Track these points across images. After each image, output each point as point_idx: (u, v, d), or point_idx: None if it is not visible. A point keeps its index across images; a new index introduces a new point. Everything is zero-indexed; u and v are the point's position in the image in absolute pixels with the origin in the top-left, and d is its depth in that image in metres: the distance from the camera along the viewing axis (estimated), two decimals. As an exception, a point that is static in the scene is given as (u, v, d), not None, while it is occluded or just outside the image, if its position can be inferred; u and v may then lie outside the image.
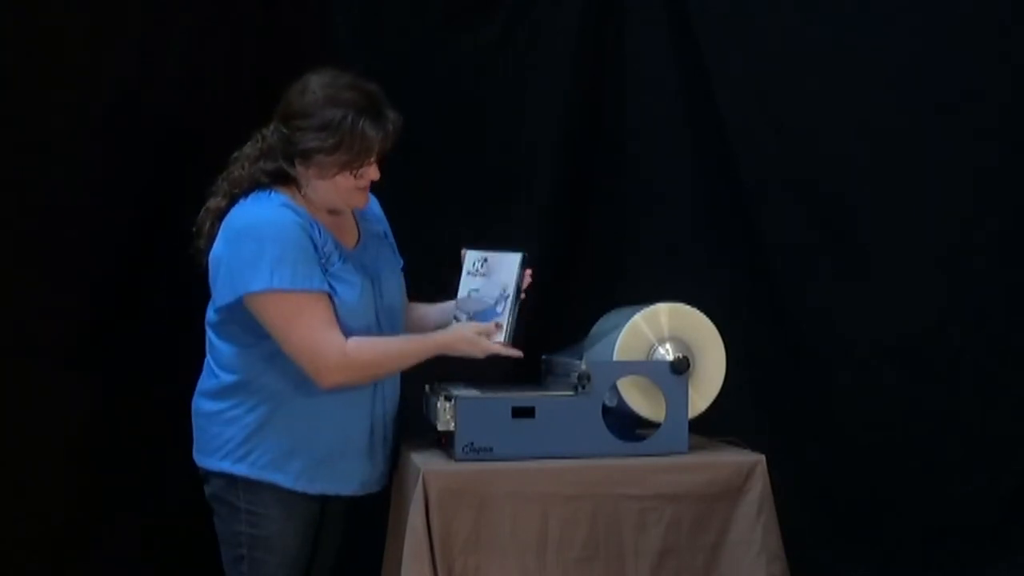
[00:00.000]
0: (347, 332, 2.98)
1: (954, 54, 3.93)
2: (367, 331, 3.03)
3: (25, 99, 3.59)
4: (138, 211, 3.70)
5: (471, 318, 3.10)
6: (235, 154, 3.08)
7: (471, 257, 3.15)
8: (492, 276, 3.11)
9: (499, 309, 3.09)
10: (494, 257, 3.13)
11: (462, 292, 3.14)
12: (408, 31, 3.96)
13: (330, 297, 2.98)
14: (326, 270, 2.99)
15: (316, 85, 2.98)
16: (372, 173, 3.03)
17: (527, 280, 3.12)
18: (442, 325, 3.16)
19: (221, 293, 3.00)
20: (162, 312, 3.63)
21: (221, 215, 3.02)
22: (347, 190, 3.02)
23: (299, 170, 3.01)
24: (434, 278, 3.36)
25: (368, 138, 2.96)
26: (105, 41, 3.67)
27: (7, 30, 3.57)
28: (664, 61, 4.04)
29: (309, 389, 2.99)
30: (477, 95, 4.00)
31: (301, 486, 3.03)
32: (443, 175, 3.99)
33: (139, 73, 3.72)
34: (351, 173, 2.99)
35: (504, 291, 3.09)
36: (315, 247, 2.98)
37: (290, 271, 2.92)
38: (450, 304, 3.19)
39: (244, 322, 3.00)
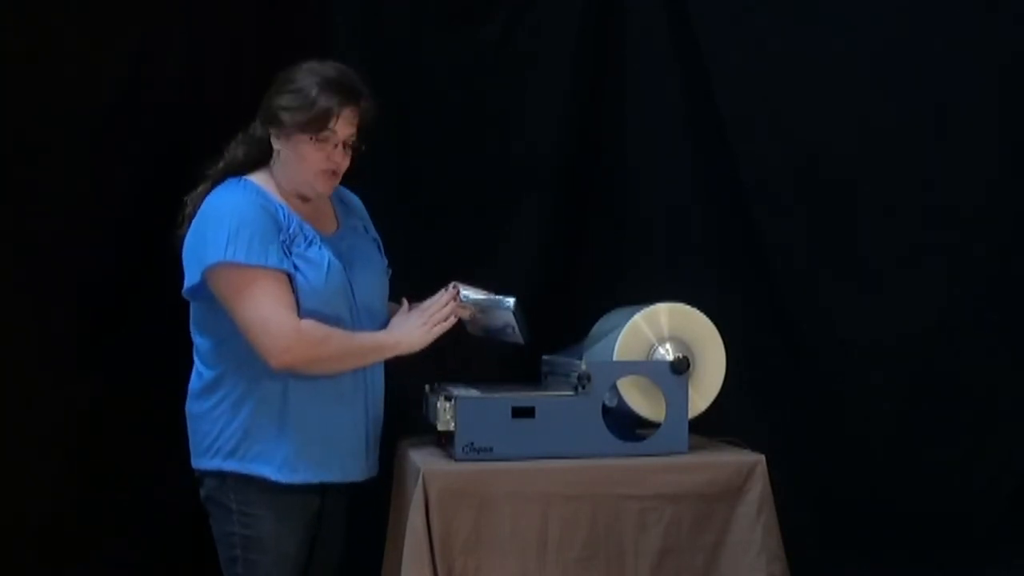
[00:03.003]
0: (317, 316, 3.01)
1: (954, 54, 3.93)
2: (339, 318, 3.05)
3: (24, 99, 3.59)
4: (138, 211, 3.70)
5: (486, 328, 3.15)
6: (225, 147, 3.15)
7: (464, 297, 3.16)
8: (489, 313, 3.15)
9: (508, 331, 3.15)
10: (485, 303, 3.15)
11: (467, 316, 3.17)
12: (408, 31, 3.97)
13: (290, 278, 3.00)
14: (290, 251, 3.02)
15: (304, 63, 3.09)
16: (337, 155, 3.07)
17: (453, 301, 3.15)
18: None
19: (189, 274, 3.05)
20: (162, 312, 3.61)
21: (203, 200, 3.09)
22: (312, 164, 3.06)
23: (273, 141, 3.08)
24: (432, 279, 3.36)
25: (326, 107, 3.02)
26: (105, 41, 3.67)
27: (6, 30, 3.57)
28: (664, 61, 4.04)
29: (283, 378, 3.01)
30: (477, 95, 4.00)
31: (285, 476, 3.03)
32: (443, 175, 3.99)
33: (139, 73, 3.72)
34: (313, 140, 3.03)
35: (507, 324, 3.15)
36: (278, 228, 3.02)
37: (245, 246, 2.96)
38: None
39: (217, 311, 3.03)
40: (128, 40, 3.71)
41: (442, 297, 3.13)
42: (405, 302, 3.22)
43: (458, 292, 3.14)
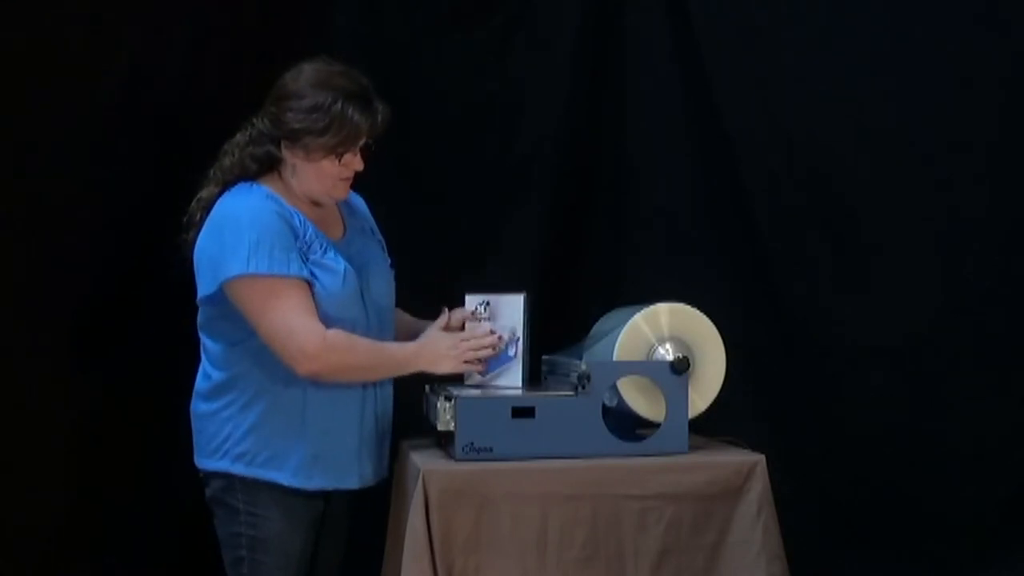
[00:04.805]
0: (333, 322, 3.00)
1: (954, 57, 3.94)
2: (354, 323, 3.04)
3: (24, 99, 3.59)
4: (138, 211, 3.70)
5: (483, 362, 3.14)
6: (224, 146, 3.12)
7: (472, 301, 3.17)
8: (498, 320, 3.15)
9: (511, 352, 3.15)
10: (496, 299, 3.17)
11: None
12: (408, 31, 3.97)
13: (311, 285, 3.00)
14: (307, 258, 3.01)
15: (309, 70, 3.05)
16: (356, 163, 3.07)
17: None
18: None
19: (204, 284, 3.03)
20: (163, 313, 3.62)
21: (212, 204, 3.06)
22: (330, 177, 3.05)
23: (286, 153, 3.05)
24: (431, 280, 3.36)
25: (356, 123, 3.00)
26: (105, 41, 3.67)
27: (6, 30, 3.57)
28: (665, 61, 4.04)
29: (302, 384, 3.00)
30: (477, 95, 4.00)
31: (299, 482, 3.03)
32: (443, 175, 3.99)
33: (139, 73, 3.72)
34: (336, 158, 3.02)
35: (514, 333, 3.14)
36: (295, 235, 3.01)
37: (267, 256, 2.95)
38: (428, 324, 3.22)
39: (230, 316, 3.01)
40: (128, 40, 3.71)
41: (488, 337, 3.11)
42: (446, 312, 3.20)
43: (501, 338, 3.12)
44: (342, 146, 3.02)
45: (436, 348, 3.08)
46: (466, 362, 3.08)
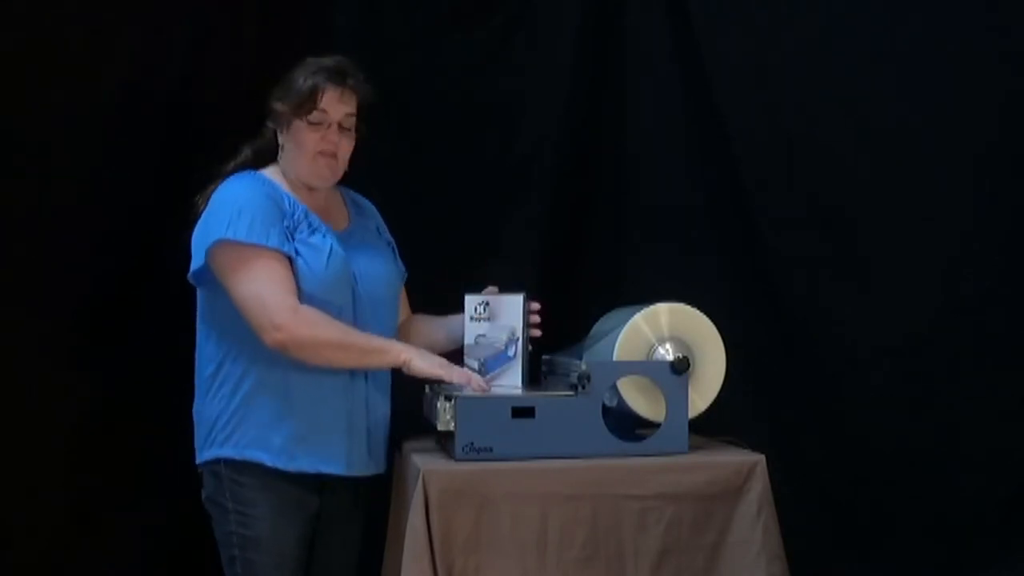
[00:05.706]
0: (317, 303, 3.02)
1: (956, 59, 3.93)
2: (340, 308, 3.06)
3: (25, 99, 3.59)
4: (139, 211, 3.70)
5: (482, 364, 3.15)
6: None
7: (471, 301, 3.19)
8: (497, 320, 3.15)
9: (511, 352, 3.17)
10: (495, 300, 3.18)
11: (468, 338, 3.19)
12: (408, 32, 3.97)
13: (292, 261, 3.03)
14: (293, 237, 3.04)
15: (306, 59, 3.15)
16: (333, 136, 3.11)
17: (535, 317, 3.21)
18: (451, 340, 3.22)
19: (195, 258, 3.07)
20: (163, 313, 3.63)
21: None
22: (311, 149, 3.09)
23: (279, 139, 3.14)
24: (433, 279, 3.36)
25: (311, 85, 3.08)
26: (105, 41, 3.67)
27: (6, 29, 3.57)
28: (665, 61, 4.04)
29: (283, 364, 3.02)
30: (477, 95, 4.00)
31: (283, 462, 3.04)
32: (443, 175, 3.99)
33: (139, 73, 3.72)
34: (307, 124, 3.08)
35: (513, 334, 3.16)
36: (282, 215, 3.06)
37: (247, 225, 3.00)
38: (458, 318, 3.23)
39: (221, 295, 3.04)
40: (128, 40, 3.71)
41: (473, 377, 3.07)
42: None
43: (480, 387, 3.09)
44: (303, 107, 3.07)
45: (420, 351, 3.08)
46: (444, 372, 3.03)
